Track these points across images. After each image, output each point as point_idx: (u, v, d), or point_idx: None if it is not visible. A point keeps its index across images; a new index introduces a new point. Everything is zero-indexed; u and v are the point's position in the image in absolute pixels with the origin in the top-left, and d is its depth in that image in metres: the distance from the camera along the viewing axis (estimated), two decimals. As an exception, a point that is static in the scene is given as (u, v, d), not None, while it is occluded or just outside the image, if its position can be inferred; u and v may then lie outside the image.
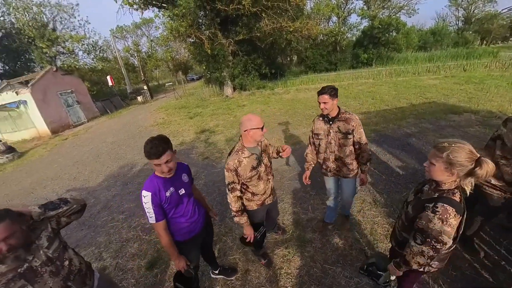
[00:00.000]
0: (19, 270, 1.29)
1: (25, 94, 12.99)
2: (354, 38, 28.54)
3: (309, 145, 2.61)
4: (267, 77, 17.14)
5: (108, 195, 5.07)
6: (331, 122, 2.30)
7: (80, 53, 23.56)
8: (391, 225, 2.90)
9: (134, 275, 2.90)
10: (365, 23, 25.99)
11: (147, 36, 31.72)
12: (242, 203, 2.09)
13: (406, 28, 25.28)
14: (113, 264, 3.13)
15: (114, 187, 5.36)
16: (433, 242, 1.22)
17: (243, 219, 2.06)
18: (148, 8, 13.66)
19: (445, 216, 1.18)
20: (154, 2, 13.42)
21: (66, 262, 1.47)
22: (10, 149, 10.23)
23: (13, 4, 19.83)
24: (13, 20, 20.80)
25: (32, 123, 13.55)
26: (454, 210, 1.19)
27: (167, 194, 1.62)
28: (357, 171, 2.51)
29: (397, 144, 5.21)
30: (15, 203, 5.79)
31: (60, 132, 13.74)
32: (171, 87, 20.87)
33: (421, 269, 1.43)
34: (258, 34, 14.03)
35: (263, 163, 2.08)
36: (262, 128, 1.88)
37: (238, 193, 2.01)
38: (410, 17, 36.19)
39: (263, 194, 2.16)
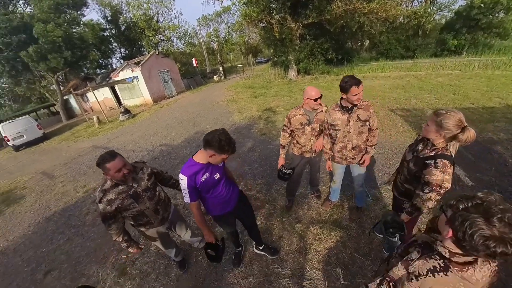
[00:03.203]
0: (129, 192, 1.72)
1: (137, 72, 15.47)
2: (443, 21, 21.76)
3: (324, 136, 2.42)
4: (332, 62, 15.15)
5: (185, 153, 5.80)
6: (350, 111, 2.11)
7: (175, 39, 26.33)
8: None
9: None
10: (461, 2, 18.75)
11: (225, 23, 32.98)
12: (285, 147, 2.60)
13: (520, 7, 16.74)
14: (182, 204, 3.65)
15: (190, 147, 6.08)
16: (437, 188, 1.42)
17: (282, 151, 2.62)
18: (227, -3, 13.92)
19: (445, 168, 1.39)
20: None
21: (157, 193, 1.90)
22: (127, 111, 12.71)
23: (131, 3, 23.47)
24: (131, 15, 24.54)
25: (141, 93, 16.18)
26: (449, 162, 1.39)
27: (202, 179, 1.57)
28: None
29: (475, 150, 3.85)
30: (130, 148, 7.30)
31: (158, 102, 16.01)
32: (242, 69, 21.28)
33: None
34: (328, 17, 12.44)
35: (311, 126, 2.36)
36: (315, 100, 2.18)
37: (287, 135, 2.53)
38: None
39: (303, 146, 2.49)
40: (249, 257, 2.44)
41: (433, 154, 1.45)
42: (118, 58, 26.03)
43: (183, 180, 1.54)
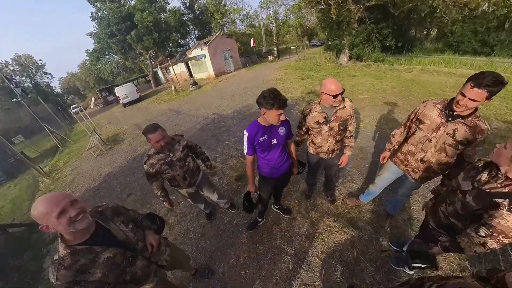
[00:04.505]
0: (166, 160, 1.77)
1: (205, 50, 15.74)
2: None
3: (402, 126, 1.73)
4: (390, 50, 12.02)
5: (231, 123, 5.81)
6: (450, 119, 1.32)
7: (238, 21, 25.20)
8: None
9: (227, 180, 3.37)
10: None
11: (285, 5, 29.57)
12: (301, 142, 2.09)
13: None
14: (219, 167, 3.76)
15: (236, 119, 6.05)
16: (500, 237, 0.95)
17: (297, 149, 2.09)
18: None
19: None
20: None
21: (187, 163, 1.92)
22: (195, 83, 13.41)
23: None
24: (204, 1, 24.21)
25: (207, 69, 16.67)
26: None
27: (260, 139, 1.53)
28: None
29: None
30: (192, 113, 7.77)
31: (219, 76, 16.29)
32: (295, 51, 19.26)
33: None
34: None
35: (329, 125, 1.78)
36: (334, 96, 1.57)
37: (302, 132, 2.00)
38: None
39: (319, 147, 1.95)
40: (263, 229, 2.38)
41: (506, 190, 0.94)
42: (192, 39, 26.80)
43: (245, 135, 1.56)
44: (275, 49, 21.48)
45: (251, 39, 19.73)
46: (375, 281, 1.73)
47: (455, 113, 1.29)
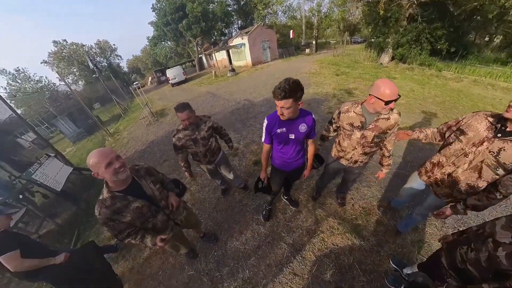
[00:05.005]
0: (192, 137, 1.78)
1: (245, 39, 15.23)
2: None
3: (438, 130, 1.36)
4: (439, 54, 9.58)
5: (259, 110, 5.61)
6: (499, 135, 0.99)
7: (280, 12, 23.38)
8: None
9: (246, 163, 3.33)
10: None
11: (330, -3, 26.11)
12: (327, 138, 1.77)
13: None
14: (241, 150, 3.72)
15: (265, 107, 5.83)
16: None
17: (321, 143, 1.83)
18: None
19: None
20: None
21: (210, 143, 1.91)
22: (233, 70, 13.32)
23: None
24: None
25: (245, 57, 16.28)
26: None
27: (278, 130, 1.37)
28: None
29: None
30: (227, 97, 7.77)
31: (255, 65, 15.81)
32: (334, 46, 17.21)
33: None
34: (460, -5, 7.46)
35: (364, 133, 1.38)
36: (386, 103, 1.16)
37: (331, 128, 1.66)
38: None
39: (342, 151, 1.59)
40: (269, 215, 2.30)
41: None
42: (235, 28, 26.10)
43: (265, 123, 1.41)
44: (314, 42, 19.58)
45: (291, 31, 18.26)
46: (365, 291, 1.52)
47: (507, 129, 0.96)
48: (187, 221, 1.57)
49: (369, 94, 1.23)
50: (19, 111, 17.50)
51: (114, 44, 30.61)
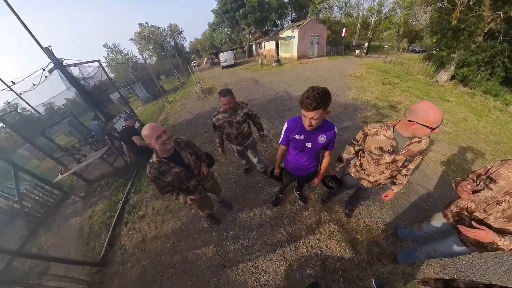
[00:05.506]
0: (228, 119, 1.82)
1: (295, 32, 14.00)
2: None
3: (475, 175, 1.07)
4: None
5: (294, 104, 5.10)
6: None
7: (336, 8, 20.12)
8: None
9: (271, 150, 3.29)
10: None
11: (394, -2, 20.58)
12: (346, 160, 1.52)
13: None
14: (270, 138, 3.64)
15: (299, 103, 5.51)
16: None
17: (337, 163, 1.58)
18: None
19: None
20: None
21: (242, 127, 1.93)
22: (278, 60, 12.73)
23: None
24: None
25: (292, 50, 15.16)
26: None
27: (296, 136, 1.24)
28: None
29: None
30: (267, 86, 7.49)
31: (300, 59, 14.62)
32: (387, 51, 14.24)
33: None
34: None
35: (394, 157, 1.14)
36: (433, 129, 0.91)
37: (352, 150, 1.40)
38: None
39: (367, 174, 1.34)
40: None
41: None
42: (288, 20, 24.00)
43: (285, 126, 1.28)
44: (366, 44, 16.68)
45: (344, 29, 15.79)
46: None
47: None
48: (212, 188, 1.70)
49: (409, 120, 0.95)
50: (111, 75, 21.14)
51: (181, 28, 32.35)
